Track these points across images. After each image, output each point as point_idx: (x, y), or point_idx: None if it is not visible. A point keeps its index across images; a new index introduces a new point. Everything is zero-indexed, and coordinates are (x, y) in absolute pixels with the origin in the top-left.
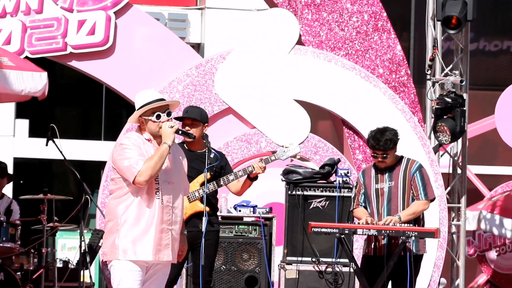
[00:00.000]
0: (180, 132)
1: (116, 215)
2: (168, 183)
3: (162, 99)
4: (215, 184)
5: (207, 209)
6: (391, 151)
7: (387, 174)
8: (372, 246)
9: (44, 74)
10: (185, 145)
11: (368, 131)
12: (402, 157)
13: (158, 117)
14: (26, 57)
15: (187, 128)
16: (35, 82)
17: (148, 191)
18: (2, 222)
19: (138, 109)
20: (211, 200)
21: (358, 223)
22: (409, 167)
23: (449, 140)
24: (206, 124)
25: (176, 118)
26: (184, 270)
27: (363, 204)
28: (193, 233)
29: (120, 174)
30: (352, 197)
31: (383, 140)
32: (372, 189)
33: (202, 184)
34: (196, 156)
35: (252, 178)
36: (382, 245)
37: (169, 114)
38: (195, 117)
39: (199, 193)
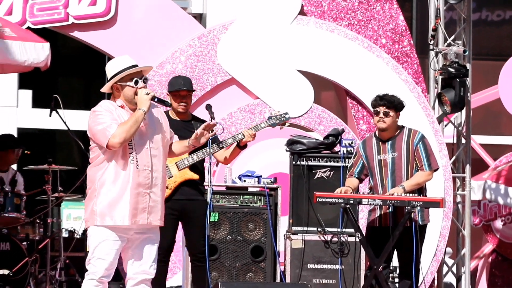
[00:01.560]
0: (156, 99)
1: (94, 182)
2: (144, 147)
3: (136, 65)
4: (204, 152)
5: (197, 177)
6: (393, 110)
7: (389, 144)
8: (377, 216)
9: (47, 45)
10: (170, 113)
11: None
12: (403, 127)
13: (136, 82)
14: (28, 28)
15: (181, 102)
16: (38, 53)
17: (123, 156)
18: (7, 192)
19: (113, 76)
20: (199, 167)
21: (363, 193)
22: (412, 138)
23: (450, 110)
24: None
25: (174, 90)
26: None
27: (356, 175)
28: (183, 202)
29: (95, 141)
30: (349, 165)
31: (389, 95)
32: (374, 160)
33: (191, 152)
34: (182, 125)
35: (241, 146)
36: (387, 216)
37: (145, 80)
38: (190, 88)
39: (188, 161)
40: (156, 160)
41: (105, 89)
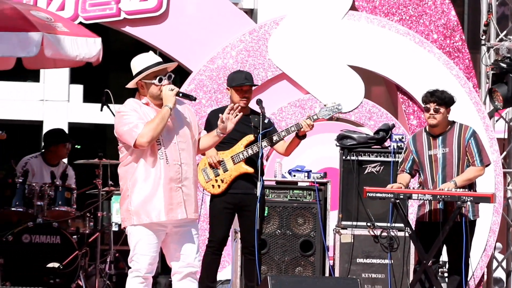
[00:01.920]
0: (180, 94)
1: (126, 181)
2: (172, 142)
3: (161, 62)
4: (260, 146)
5: (252, 170)
6: (443, 106)
7: (440, 139)
8: (427, 211)
9: (98, 40)
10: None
11: None
12: (454, 122)
13: (160, 80)
14: (80, 23)
15: (244, 97)
16: (89, 48)
17: (151, 154)
18: (58, 186)
19: (138, 73)
20: (255, 160)
21: (413, 188)
22: (463, 133)
23: (502, 105)
24: None
25: (237, 85)
26: (239, 234)
27: (408, 171)
28: (239, 195)
29: (122, 141)
30: (399, 160)
31: (440, 91)
32: (425, 155)
33: (247, 146)
34: (241, 119)
35: (300, 136)
36: (437, 211)
37: (170, 77)
38: (253, 83)
39: (243, 155)
40: (185, 154)
41: (130, 85)
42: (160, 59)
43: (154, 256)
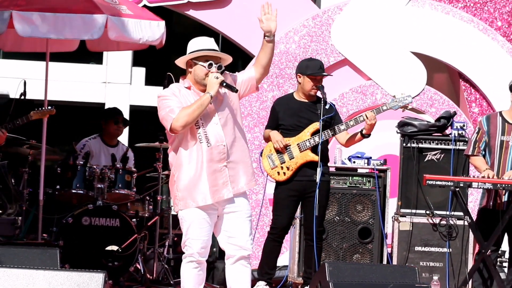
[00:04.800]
0: (224, 84)
1: (172, 166)
2: (212, 123)
3: (217, 51)
4: (326, 134)
5: (317, 158)
6: None
7: None
8: (492, 198)
9: (162, 23)
10: (295, 95)
11: (485, 85)
12: None
13: (210, 65)
14: (145, 6)
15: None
16: (153, 31)
17: (192, 137)
18: (118, 169)
19: (191, 52)
20: (322, 149)
21: (474, 176)
22: None
23: None
24: None
25: (311, 74)
26: (297, 220)
27: (483, 153)
28: (304, 183)
29: (164, 126)
30: (472, 141)
31: None
32: (497, 139)
33: (313, 134)
34: (307, 106)
35: (364, 134)
36: (502, 199)
37: (220, 68)
38: (326, 73)
39: (310, 143)
40: (229, 130)
41: (179, 62)
42: (217, 48)
43: (206, 240)
